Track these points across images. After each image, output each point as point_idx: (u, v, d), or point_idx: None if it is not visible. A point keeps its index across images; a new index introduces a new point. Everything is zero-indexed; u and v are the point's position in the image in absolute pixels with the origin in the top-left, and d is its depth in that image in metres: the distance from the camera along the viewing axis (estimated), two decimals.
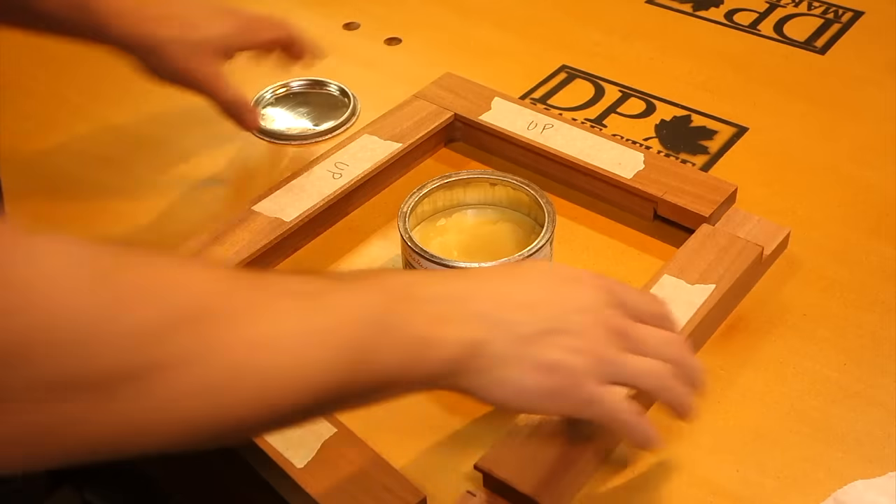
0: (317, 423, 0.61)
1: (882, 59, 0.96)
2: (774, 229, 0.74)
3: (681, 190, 0.77)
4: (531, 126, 0.83)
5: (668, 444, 0.63)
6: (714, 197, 0.76)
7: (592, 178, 0.80)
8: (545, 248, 0.68)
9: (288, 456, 0.60)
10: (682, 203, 0.76)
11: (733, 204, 0.77)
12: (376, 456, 0.60)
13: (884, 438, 0.63)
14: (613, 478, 0.62)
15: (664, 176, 0.78)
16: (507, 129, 0.83)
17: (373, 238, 0.78)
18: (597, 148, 0.81)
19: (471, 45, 0.97)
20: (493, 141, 0.85)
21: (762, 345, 0.69)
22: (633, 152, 0.80)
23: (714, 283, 0.69)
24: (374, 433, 0.62)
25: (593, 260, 0.76)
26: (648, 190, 0.77)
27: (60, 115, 0.92)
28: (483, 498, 0.59)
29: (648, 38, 1.01)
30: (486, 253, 0.71)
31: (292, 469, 0.59)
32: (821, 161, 0.85)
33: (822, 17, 1.03)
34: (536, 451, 0.59)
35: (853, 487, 0.60)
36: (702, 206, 0.75)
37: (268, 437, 0.61)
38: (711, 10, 1.04)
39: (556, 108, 0.91)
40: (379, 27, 1.03)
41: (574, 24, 1.03)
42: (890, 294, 0.72)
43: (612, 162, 0.79)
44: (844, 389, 0.66)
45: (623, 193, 0.79)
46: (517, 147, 0.83)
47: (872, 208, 0.80)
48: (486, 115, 0.85)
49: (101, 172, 0.86)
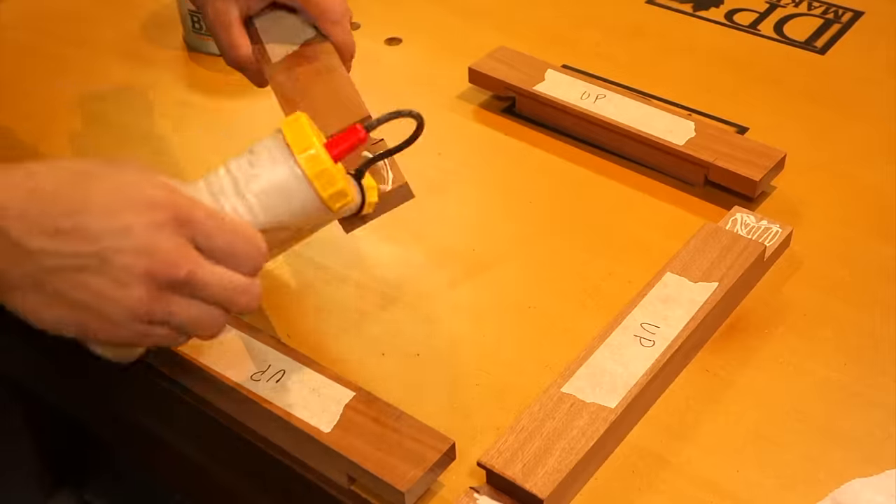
0: (334, 389, 0.62)
1: (882, 59, 0.96)
2: (776, 229, 0.75)
3: (731, 156, 0.80)
4: (584, 96, 0.86)
5: (668, 444, 0.63)
6: (764, 162, 0.79)
7: (645, 146, 0.83)
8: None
9: (314, 423, 0.61)
10: (733, 168, 0.78)
11: (781, 170, 0.81)
12: (399, 411, 0.61)
13: (884, 438, 0.63)
14: (613, 477, 0.62)
15: (714, 143, 0.81)
16: (562, 99, 0.86)
17: None
18: (648, 116, 0.84)
19: (471, 45, 0.97)
20: (547, 110, 0.88)
21: (762, 344, 0.69)
22: (684, 121, 0.84)
23: (717, 282, 0.69)
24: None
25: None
26: (700, 156, 0.80)
27: (60, 115, 0.92)
28: (486, 495, 0.59)
29: (648, 38, 1.01)
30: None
31: (321, 434, 0.60)
32: (821, 161, 0.85)
33: (822, 17, 1.03)
34: (539, 449, 0.59)
35: (850, 486, 0.60)
36: (752, 171, 0.78)
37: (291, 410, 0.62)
38: (711, 10, 1.05)
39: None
40: (379, 27, 1.03)
41: (574, 24, 1.03)
42: (890, 294, 0.73)
43: (663, 129, 0.83)
44: (844, 389, 0.66)
45: (675, 160, 0.82)
46: (571, 116, 0.86)
47: (873, 208, 0.80)
48: (539, 85, 0.88)
49: None
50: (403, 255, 0.77)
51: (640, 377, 0.63)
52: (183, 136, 0.90)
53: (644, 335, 0.66)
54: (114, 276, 0.51)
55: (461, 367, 0.68)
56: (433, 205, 0.81)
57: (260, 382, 0.63)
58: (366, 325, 0.72)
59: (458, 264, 0.76)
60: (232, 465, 0.71)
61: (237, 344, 0.66)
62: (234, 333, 0.66)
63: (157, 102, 0.94)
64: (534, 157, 0.86)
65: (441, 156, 0.87)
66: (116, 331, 0.52)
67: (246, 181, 0.55)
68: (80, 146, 0.89)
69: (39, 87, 0.96)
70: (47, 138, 0.89)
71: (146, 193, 0.52)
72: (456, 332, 0.71)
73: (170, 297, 0.52)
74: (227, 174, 0.55)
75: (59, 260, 0.50)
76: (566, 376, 0.63)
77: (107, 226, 0.51)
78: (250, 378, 0.64)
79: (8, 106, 0.93)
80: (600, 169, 0.84)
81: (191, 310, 0.53)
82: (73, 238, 0.50)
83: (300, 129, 0.55)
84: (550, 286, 0.74)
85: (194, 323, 0.54)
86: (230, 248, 0.53)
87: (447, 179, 0.84)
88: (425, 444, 0.60)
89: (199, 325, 0.54)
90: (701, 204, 0.80)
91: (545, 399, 0.62)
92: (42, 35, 1.03)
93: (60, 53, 1.00)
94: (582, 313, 0.72)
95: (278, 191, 0.55)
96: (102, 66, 0.99)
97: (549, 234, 0.79)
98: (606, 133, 0.85)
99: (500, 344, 0.70)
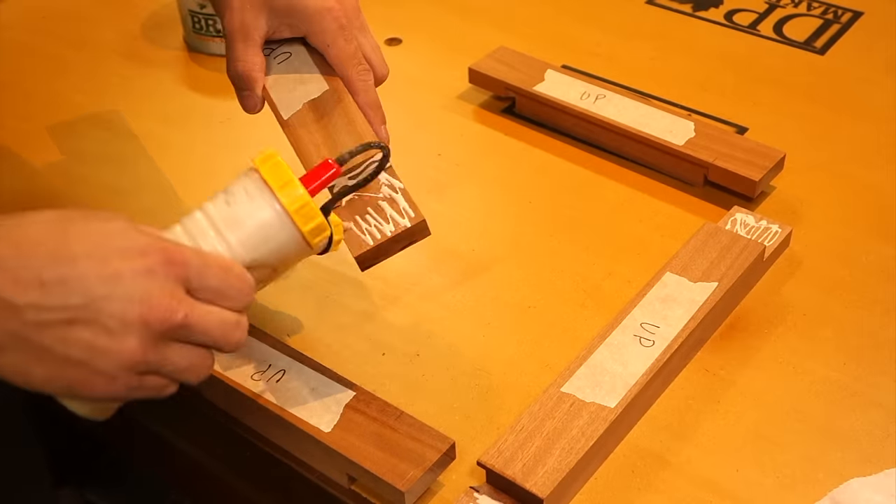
0: (334, 389, 0.63)
1: (882, 59, 0.97)
2: (776, 229, 0.75)
3: (731, 156, 0.80)
4: (584, 96, 0.86)
5: (668, 444, 0.63)
6: (763, 162, 0.79)
7: (644, 146, 0.83)
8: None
9: (314, 423, 0.61)
10: (732, 168, 0.79)
11: (781, 170, 0.81)
12: (399, 411, 0.61)
13: (883, 438, 0.63)
14: (613, 477, 0.62)
15: (714, 143, 0.81)
16: (562, 99, 0.86)
17: None
18: (648, 117, 0.84)
19: (471, 45, 0.97)
20: (546, 110, 0.88)
21: (762, 344, 0.69)
22: (684, 121, 0.84)
23: (716, 282, 0.69)
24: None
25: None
26: (699, 156, 0.80)
27: (60, 115, 0.92)
28: (486, 494, 0.59)
29: (648, 38, 1.01)
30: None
31: (321, 434, 0.60)
32: (821, 161, 0.85)
33: (822, 17, 1.03)
34: (539, 449, 0.59)
35: (849, 486, 0.60)
36: (752, 171, 0.78)
37: (291, 410, 0.62)
38: (711, 11, 1.05)
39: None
40: (379, 27, 1.03)
41: (574, 24, 1.03)
42: (890, 294, 0.73)
43: (663, 130, 0.83)
44: (844, 389, 0.66)
45: (674, 160, 0.82)
46: (571, 116, 0.86)
47: (872, 208, 0.80)
48: (539, 85, 0.88)
49: (102, 172, 0.86)
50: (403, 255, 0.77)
51: (640, 377, 0.63)
52: (183, 137, 0.90)
53: (644, 335, 0.66)
54: (105, 326, 0.48)
55: (461, 367, 0.68)
56: (433, 205, 0.81)
57: (260, 382, 0.63)
58: (366, 325, 0.72)
59: (458, 264, 0.76)
60: (232, 464, 0.71)
61: None
62: None
63: (156, 102, 0.94)
64: (534, 157, 0.86)
65: (441, 156, 0.87)
66: (108, 385, 0.49)
67: (224, 221, 0.54)
68: (79, 147, 0.89)
69: (39, 87, 0.96)
70: (47, 138, 0.89)
71: (133, 239, 0.50)
72: (456, 332, 0.71)
73: (164, 344, 0.50)
74: (205, 217, 0.54)
75: (46, 314, 0.47)
76: (566, 376, 0.63)
77: (95, 274, 0.48)
78: (250, 378, 0.64)
79: (8, 106, 0.93)
80: (600, 169, 0.84)
81: (184, 354, 0.51)
82: (59, 289, 0.47)
83: (276, 165, 0.55)
84: (550, 286, 0.74)
85: (188, 368, 0.51)
86: (222, 286, 0.51)
87: (447, 179, 0.84)
88: (425, 443, 0.60)
89: (191, 370, 0.52)
90: (700, 204, 0.80)
91: (545, 399, 0.62)
92: (42, 35, 1.03)
93: (60, 53, 1.00)
94: (582, 313, 0.72)
95: (259, 228, 0.54)
96: (102, 67, 0.99)
97: (548, 234, 0.79)
98: (606, 133, 0.85)
99: (500, 344, 0.70)
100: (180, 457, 0.76)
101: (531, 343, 0.70)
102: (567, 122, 0.87)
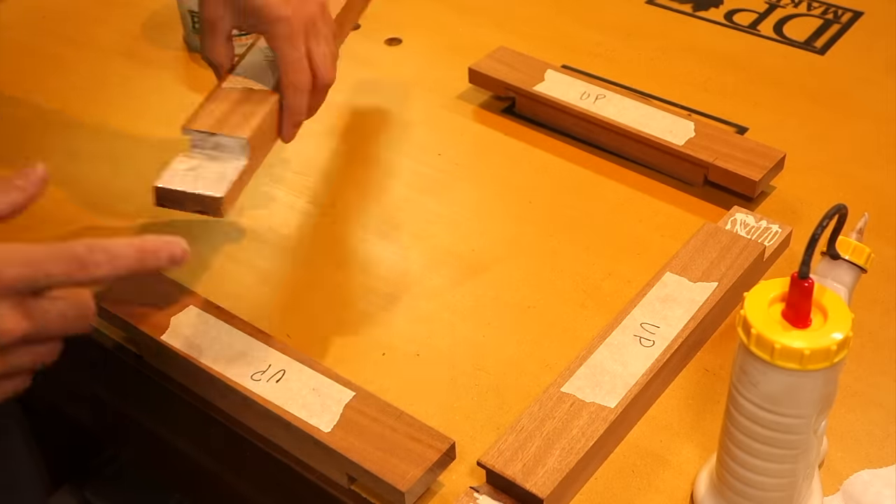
0: (334, 389, 0.62)
1: (882, 59, 0.97)
2: (776, 229, 0.75)
3: (731, 156, 0.80)
4: (584, 96, 0.86)
5: (668, 444, 0.63)
6: (763, 162, 0.79)
7: (644, 146, 0.83)
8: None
9: (313, 423, 0.61)
10: (732, 168, 0.79)
11: (781, 170, 0.81)
12: (399, 411, 0.61)
13: (883, 438, 0.63)
14: (613, 477, 0.62)
15: (714, 143, 0.81)
16: (562, 99, 0.86)
17: None
18: (648, 116, 0.84)
19: (471, 45, 0.97)
20: (546, 110, 0.88)
21: None
22: (684, 121, 0.84)
23: (716, 282, 0.69)
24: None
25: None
26: (699, 156, 0.80)
27: (60, 115, 0.92)
28: (486, 494, 0.59)
29: (648, 38, 1.01)
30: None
31: (320, 434, 0.60)
32: (820, 161, 0.85)
33: (822, 17, 1.03)
34: (539, 449, 0.59)
35: (859, 477, 0.60)
36: (752, 171, 0.78)
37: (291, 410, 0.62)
38: (711, 11, 1.05)
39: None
40: (379, 27, 1.03)
41: (574, 24, 1.03)
42: (890, 294, 0.73)
43: (663, 130, 0.83)
44: (844, 389, 0.66)
45: (674, 160, 0.82)
46: (571, 116, 0.86)
47: (872, 208, 0.80)
48: (539, 85, 0.88)
49: (101, 172, 0.86)
50: (403, 255, 0.77)
51: (640, 377, 0.63)
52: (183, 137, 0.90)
53: (644, 335, 0.66)
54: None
55: (461, 367, 0.68)
56: (433, 205, 0.81)
57: (260, 382, 0.63)
58: (366, 325, 0.72)
59: (458, 264, 0.76)
60: (232, 465, 0.71)
61: (237, 344, 0.66)
62: (235, 333, 0.66)
63: (156, 102, 0.94)
64: (534, 157, 0.86)
65: (441, 156, 0.87)
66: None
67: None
68: (78, 147, 0.89)
69: (39, 87, 0.96)
70: (47, 139, 0.89)
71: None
72: (456, 332, 0.71)
73: (8, 352, 0.51)
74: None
75: None
76: (566, 376, 0.63)
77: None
78: (250, 378, 0.64)
79: (8, 106, 0.93)
80: (600, 169, 0.84)
81: (31, 354, 0.52)
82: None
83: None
84: (550, 286, 0.74)
85: (34, 361, 0.53)
86: (64, 280, 0.51)
87: (447, 179, 0.84)
88: (425, 443, 0.60)
89: (37, 362, 0.53)
90: (700, 204, 0.80)
91: (545, 399, 0.62)
92: (42, 35, 1.03)
93: (60, 53, 1.00)
94: (582, 313, 0.72)
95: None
96: (102, 67, 0.99)
97: (548, 234, 0.79)
98: (606, 133, 0.85)
99: (500, 344, 0.70)
100: (180, 457, 0.76)
101: (531, 343, 0.70)
102: (567, 122, 0.87)
